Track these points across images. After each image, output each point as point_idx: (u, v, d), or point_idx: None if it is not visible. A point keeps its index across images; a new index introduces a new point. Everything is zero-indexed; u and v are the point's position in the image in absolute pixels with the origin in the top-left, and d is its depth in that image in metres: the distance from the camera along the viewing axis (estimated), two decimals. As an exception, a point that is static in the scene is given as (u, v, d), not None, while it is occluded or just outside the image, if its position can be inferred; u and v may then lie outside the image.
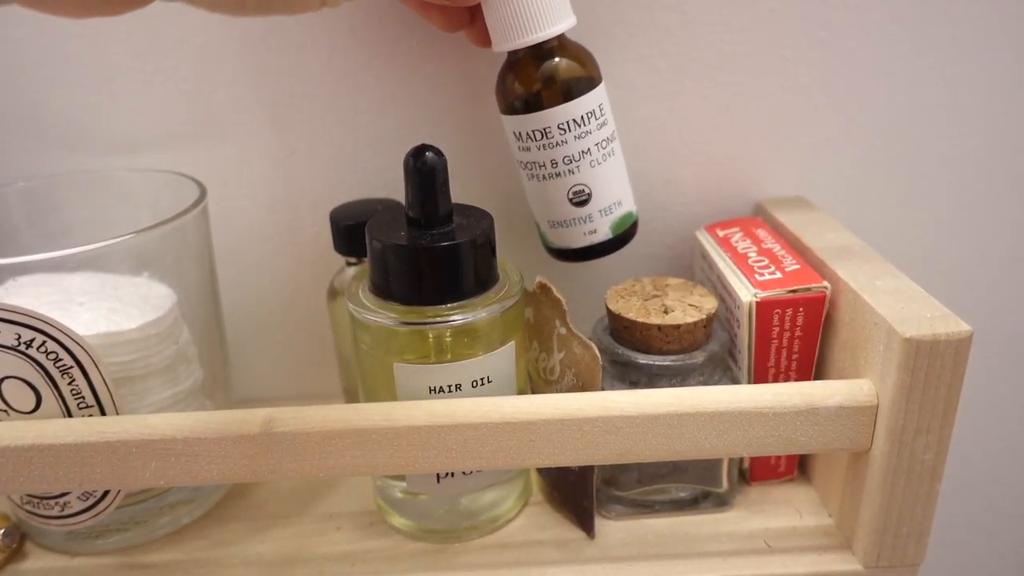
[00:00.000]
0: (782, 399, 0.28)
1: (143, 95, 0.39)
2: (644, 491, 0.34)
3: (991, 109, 0.40)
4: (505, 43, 0.32)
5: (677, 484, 0.34)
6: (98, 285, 0.31)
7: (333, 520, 0.35)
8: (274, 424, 0.28)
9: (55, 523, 0.33)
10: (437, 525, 0.34)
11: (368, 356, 0.31)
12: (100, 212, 0.38)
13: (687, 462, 0.33)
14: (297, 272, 0.42)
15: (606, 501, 0.34)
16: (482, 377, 0.30)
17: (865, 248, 0.34)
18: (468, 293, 0.30)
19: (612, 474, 0.34)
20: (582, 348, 0.30)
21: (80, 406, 0.30)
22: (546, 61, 0.33)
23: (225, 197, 0.40)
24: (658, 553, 0.32)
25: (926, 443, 0.28)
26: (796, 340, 0.33)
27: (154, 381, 0.33)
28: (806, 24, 0.38)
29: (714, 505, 0.35)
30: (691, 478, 0.34)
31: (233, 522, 0.36)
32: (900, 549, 0.30)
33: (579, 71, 0.33)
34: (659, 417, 0.28)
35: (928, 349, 0.26)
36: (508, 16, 0.32)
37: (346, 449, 0.28)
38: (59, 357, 0.29)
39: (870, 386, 0.29)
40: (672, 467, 0.34)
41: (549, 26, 0.32)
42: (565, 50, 0.34)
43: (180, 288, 0.34)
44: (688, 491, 0.34)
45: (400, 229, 0.30)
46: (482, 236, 0.30)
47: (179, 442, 0.28)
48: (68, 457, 0.28)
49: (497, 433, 0.28)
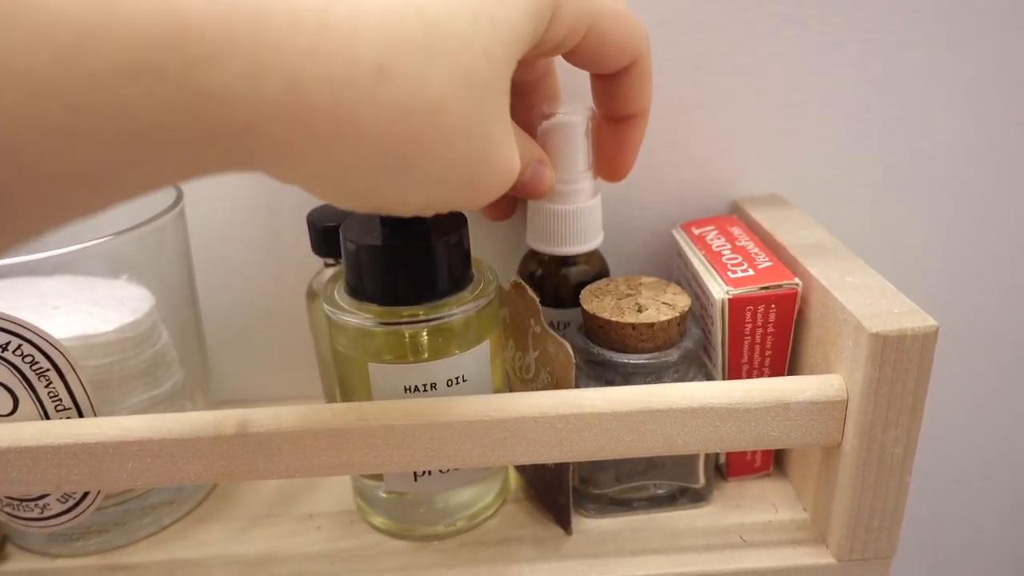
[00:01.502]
0: (753, 395, 0.28)
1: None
2: (622, 489, 0.34)
3: (963, 106, 0.41)
4: (541, 246, 0.36)
5: (655, 481, 0.34)
6: (75, 288, 0.31)
7: (313, 520, 0.35)
8: (249, 425, 0.28)
9: (35, 525, 0.33)
10: (416, 523, 0.34)
11: (345, 357, 0.31)
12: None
13: (663, 459, 0.33)
14: (277, 274, 0.42)
15: (584, 500, 0.35)
16: (457, 376, 0.31)
17: (837, 245, 0.34)
18: (443, 293, 0.30)
19: (590, 473, 0.34)
20: (556, 347, 0.30)
21: (58, 409, 0.30)
22: (571, 268, 0.37)
23: (205, 200, 0.40)
24: (634, 549, 0.33)
25: (895, 437, 0.28)
26: (769, 336, 0.33)
27: (133, 384, 0.33)
28: (780, 23, 0.38)
29: (691, 501, 0.35)
30: (668, 474, 0.34)
31: (214, 523, 0.36)
32: (872, 542, 0.30)
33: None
34: (632, 414, 0.28)
35: (895, 344, 0.27)
36: (553, 228, 0.35)
37: (322, 449, 0.29)
38: (35, 360, 0.29)
39: (840, 381, 0.29)
40: (648, 464, 0.34)
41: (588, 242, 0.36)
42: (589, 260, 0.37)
43: (158, 291, 0.34)
44: (665, 487, 0.35)
45: (374, 230, 0.30)
46: (456, 236, 0.30)
47: (155, 443, 0.28)
48: (45, 459, 0.28)
49: (471, 431, 0.28)
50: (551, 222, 0.35)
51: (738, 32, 0.39)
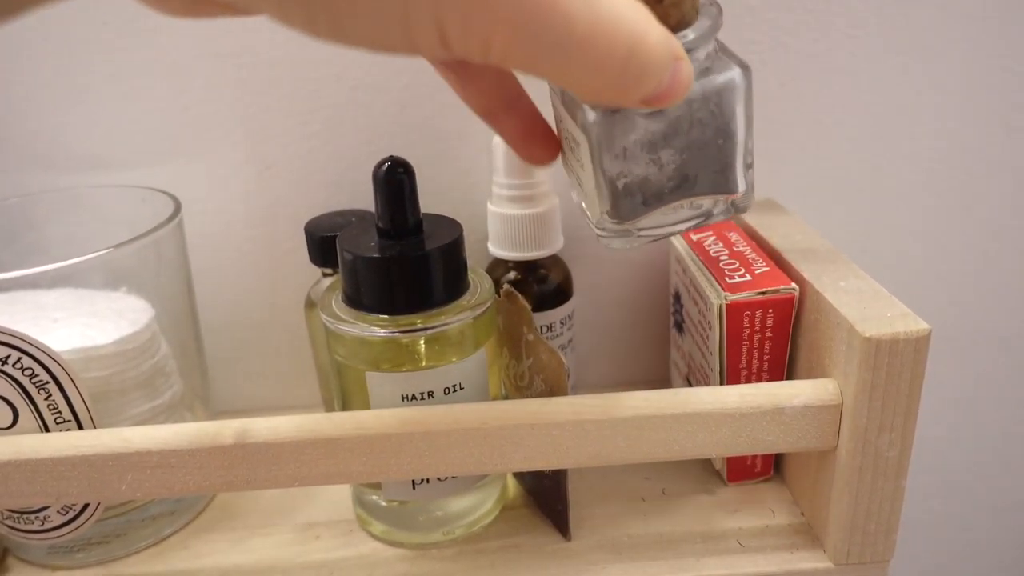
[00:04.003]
0: (747, 400, 0.29)
1: (118, 112, 0.39)
2: (652, 215, 0.28)
3: (955, 110, 0.41)
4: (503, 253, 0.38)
5: (690, 199, 0.28)
6: (74, 301, 0.31)
7: (312, 529, 0.36)
8: (248, 435, 0.29)
9: (36, 537, 0.33)
10: (415, 531, 0.34)
11: (343, 366, 0.32)
12: (77, 229, 0.38)
13: (695, 167, 0.27)
14: (275, 284, 0.42)
15: (605, 234, 0.28)
16: (454, 384, 0.31)
17: (831, 250, 0.35)
18: (439, 301, 0.30)
19: (612, 201, 0.27)
20: (548, 354, 0.30)
21: (57, 421, 0.31)
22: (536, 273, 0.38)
23: (203, 212, 0.41)
24: (633, 554, 0.33)
25: (890, 440, 0.28)
26: (767, 341, 0.33)
27: (133, 395, 0.33)
28: (770, 29, 0.39)
29: (736, 209, 0.29)
30: (703, 187, 0.27)
31: (214, 533, 0.36)
32: (869, 546, 0.30)
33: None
34: (627, 420, 0.29)
35: (888, 348, 0.27)
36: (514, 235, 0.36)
37: (320, 458, 0.29)
38: (35, 373, 0.29)
39: (834, 385, 0.29)
40: (679, 178, 0.27)
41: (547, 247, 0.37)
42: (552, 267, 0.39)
43: (157, 302, 0.34)
44: (703, 201, 0.28)
45: (371, 240, 0.30)
46: (451, 245, 0.30)
47: (154, 454, 0.29)
48: (45, 471, 0.29)
49: (468, 439, 0.29)
50: (513, 227, 0.36)
51: (729, 40, 0.38)
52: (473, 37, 0.16)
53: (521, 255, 0.37)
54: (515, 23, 0.16)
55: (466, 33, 0.16)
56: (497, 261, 0.39)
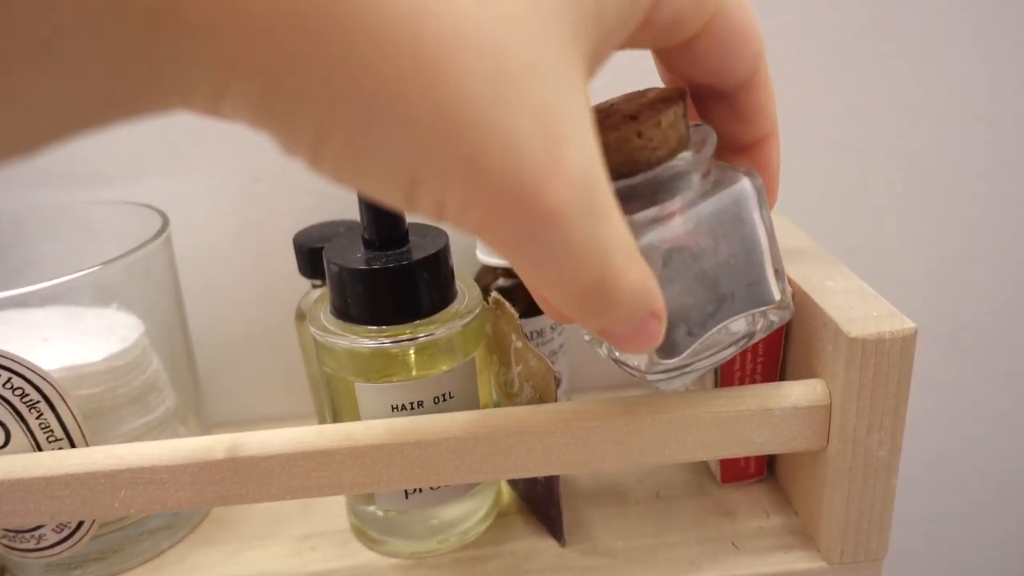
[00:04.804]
0: (736, 402, 0.29)
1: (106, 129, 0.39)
2: (700, 344, 0.27)
3: (943, 109, 0.41)
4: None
5: (731, 319, 0.27)
6: (64, 319, 0.32)
7: (308, 540, 0.36)
8: (239, 449, 0.29)
9: (32, 556, 0.33)
10: (411, 540, 0.34)
11: (333, 377, 0.32)
12: (66, 246, 0.38)
13: (729, 284, 0.26)
14: (266, 296, 0.42)
15: (659, 377, 0.27)
16: (443, 393, 0.31)
17: (819, 250, 0.35)
18: (427, 311, 0.31)
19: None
20: (537, 361, 0.30)
21: (49, 439, 0.31)
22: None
23: (193, 227, 0.41)
24: (628, 558, 0.33)
25: (879, 439, 0.28)
26: (760, 343, 0.33)
27: (125, 411, 0.33)
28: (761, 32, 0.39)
29: (778, 320, 0.28)
30: (740, 305, 0.27)
31: (211, 546, 0.36)
32: (862, 545, 0.30)
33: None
34: (617, 425, 0.29)
35: (874, 347, 0.27)
36: None
37: (311, 470, 0.29)
38: (25, 392, 0.30)
39: (823, 386, 0.29)
40: (717, 300, 0.26)
41: None
42: None
43: (147, 317, 0.34)
44: (743, 320, 0.27)
45: (357, 251, 0.30)
46: (438, 254, 0.30)
47: (146, 470, 0.29)
48: (38, 490, 0.29)
49: (459, 448, 0.29)
50: None
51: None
52: (470, 218, 0.16)
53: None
54: (515, 221, 0.16)
55: (463, 212, 0.16)
56: (486, 268, 0.39)
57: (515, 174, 0.15)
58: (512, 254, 0.17)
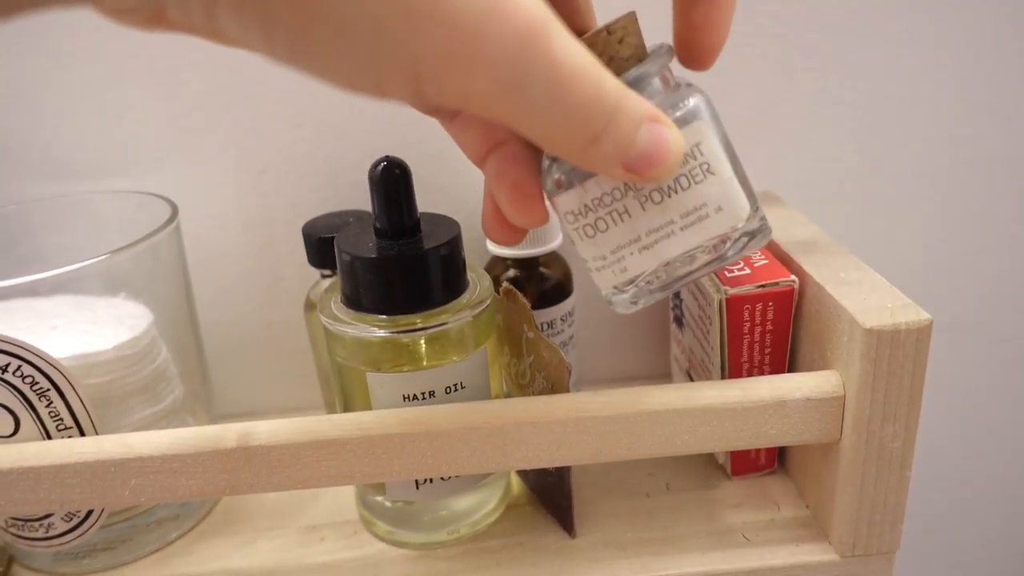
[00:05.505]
0: (750, 393, 0.29)
1: (113, 119, 0.39)
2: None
3: (952, 101, 0.41)
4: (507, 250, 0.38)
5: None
6: (73, 307, 0.31)
7: (317, 531, 0.36)
8: (250, 438, 0.28)
9: (41, 545, 0.33)
10: (420, 531, 0.34)
11: (344, 367, 0.32)
12: (74, 236, 0.38)
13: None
14: (274, 286, 0.42)
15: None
16: (455, 383, 0.31)
17: (831, 242, 0.34)
18: (438, 301, 0.30)
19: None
20: (549, 351, 0.30)
21: (59, 428, 0.31)
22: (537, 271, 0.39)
23: (199, 216, 0.41)
24: (638, 551, 0.33)
25: (894, 431, 0.28)
26: (768, 334, 0.33)
27: (133, 400, 0.33)
28: (768, 23, 0.39)
29: (748, 242, 0.27)
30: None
31: (219, 537, 0.36)
32: (875, 537, 0.30)
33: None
34: (629, 416, 0.28)
35: (889, 338, 0.27)
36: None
37: (322, 460, 0.29)
38: (35, 381, 0.29)
39: (837, 377, 0.29)
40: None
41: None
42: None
43: (156, 307, 0.34)
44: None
45: (369, 241, 0.30)
46: (449, 244, 0.30)
47: (157, 459, 0.29)
48: (48, 479, 0.29)
49: (470, 438, 0.29)
50: None
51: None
52: (454, 77, 0.16)
53: (520, 252, 0.37)
54: (497, 66, 0.16)
55: (443, 81, 0.16)
56: (496, 259, 0.39)
57: (479, 9, 0.16)
58: (504, 96, 0.17)
